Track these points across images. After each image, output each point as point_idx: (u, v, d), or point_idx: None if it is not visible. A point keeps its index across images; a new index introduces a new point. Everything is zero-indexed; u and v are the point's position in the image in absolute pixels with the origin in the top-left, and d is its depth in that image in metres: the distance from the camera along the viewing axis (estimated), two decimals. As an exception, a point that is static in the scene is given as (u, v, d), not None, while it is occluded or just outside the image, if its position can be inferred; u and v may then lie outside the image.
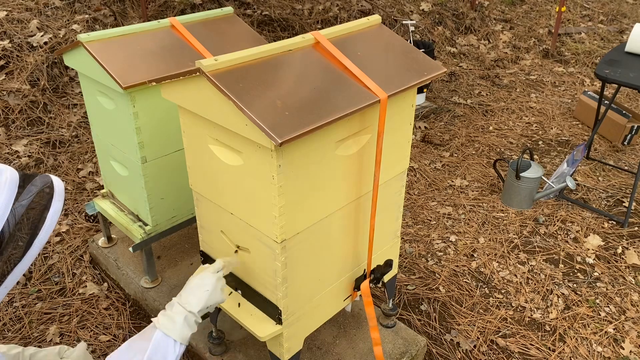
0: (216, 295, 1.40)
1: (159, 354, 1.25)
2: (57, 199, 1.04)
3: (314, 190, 1.40)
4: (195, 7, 4.59)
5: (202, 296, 1.36)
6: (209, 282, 1.39)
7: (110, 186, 2.25)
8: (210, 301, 1.38)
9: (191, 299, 1.35)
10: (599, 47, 5.56)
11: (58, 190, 1.05)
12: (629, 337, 2.23)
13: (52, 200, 1.03)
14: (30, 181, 1.03)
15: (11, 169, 1.02)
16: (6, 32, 3.67)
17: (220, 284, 1.42)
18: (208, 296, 1.37)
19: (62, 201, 1.05)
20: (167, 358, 1.26)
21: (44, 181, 1.04)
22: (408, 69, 1.54)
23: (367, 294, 1.69)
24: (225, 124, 1.30)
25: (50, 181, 1.05)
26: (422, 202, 3.11)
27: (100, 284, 2.40)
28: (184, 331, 1.30)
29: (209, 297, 1.37)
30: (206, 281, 1.40)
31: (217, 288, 1.41)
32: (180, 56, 1.90)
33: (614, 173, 3.44)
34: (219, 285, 1.42)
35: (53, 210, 1.03)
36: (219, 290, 1.41)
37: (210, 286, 1.39)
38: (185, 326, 1.31)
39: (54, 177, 1.07)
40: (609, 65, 2.90)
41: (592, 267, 2.63)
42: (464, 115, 4.17)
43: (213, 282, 1.40)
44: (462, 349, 2.17)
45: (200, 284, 1.39)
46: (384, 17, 5.27)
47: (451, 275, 2.56)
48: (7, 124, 3.30)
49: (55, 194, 1.04)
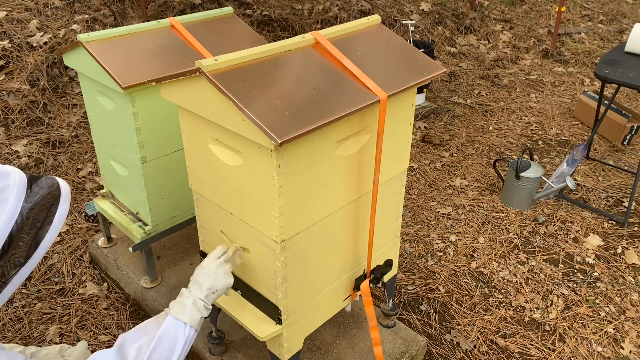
0: (220, 279, 1.41)
1: (170, 335, 1.28)
2: (63, 202, 1.04)
3: (314, 190, 1.40)
4: (195, 7, 4.59)
5: (204, 282, 1.39)
6: (210, 269, 1.42)
7: (110, 186, 2.25)
8: (216, 286, 1.40)
9: (196, 286, 1.39)
10: (599, 47, 5.56)
11: (64, 193, 1.05)
12: (629, 337, 2.23)
13: (59, 203, 1.04)
14: (36, 183, 1.03)
15: (19, 171, 1.03)
16: (6, 32, 3.67)
17: (222, 269, 1.44)
18: (211, 282, 1.39)
19: (68, 204, 1.05)
20: (178, 339, 1.29)
21: (50, 183, 1.05)
22: (408, 69, 1.54)
23: (367, 294, 1.69)
24: (225, 124, 1.30)
25: (56, 184, 1.05)
26: (422, 202, 3.11)
27: (100, 284, 2.40)
28: (193, 314, 1.33)
29: (213, 282, 1.40)
30: (208, 268, 1.43)
31: (219, 273, 1.42)
32: (180, 56, 1.90)
33: (614, 173, 3.44)
34: (221, 270, 1.43)
35: (59, 213, 1.03)
36: (221, 275, 1.42)
37: (212, 272, 1.41)
38: (195, 309, 1.33)
39: (60, 179, 1.07)
40: (609, 65, 2.90)
41: (592, 267, 2.63)
42: (463, 115, 4.17)
43: (214, 268, 1.42)
44: (462, 349, 2.17)
45: (202, 272, 1.42)
46: (384, 17, 5.27)
47: (451, 275, 2.56)
48: (6, 124, 3.30)
49: (61, 196, 1.04)
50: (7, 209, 0.96)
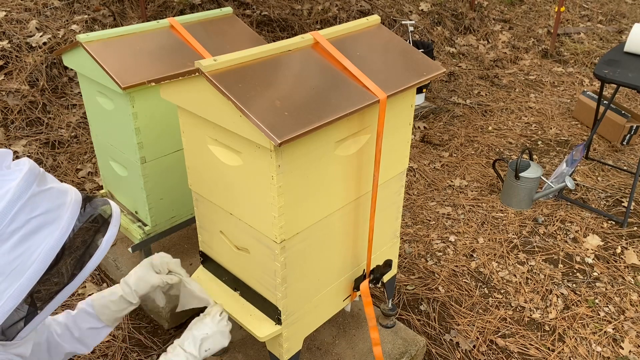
0: (216, 340, 1.39)
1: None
2: (113, 224, 1.07)
3: (314, 191, 1.40)
4: (194, 8, 4.59)
5: (203, 341, 1.37)
6: (207, 328, 1.39)
7: (109, 186, 2.25)
8: (209, 345, 1.37)
9: (191, 341, 1.36)
10: (598, 47, 5.56)
11: (115, 215, 1.09)
12: (628, 337, 2.23)
13: (109, 226, 1.07)
14: (89, 203, 1.06)
15: (76, 190, 1.06)
16: (5, 32, 3.67)
17: (220, 328, 1.40)
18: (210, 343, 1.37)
19: (117, 227, 1.08)
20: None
21: (103, 205, 1.09)
22: (407, 69, 1.54)
23: (367, 294, 1.69)
24: (225, 124, 1.30)
25: (108, 205, 1.10)
26: (421, 202, 3.12)
27: (100, 284, 2.40)
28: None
29: (208, 341, 1.37)
30: (209, 326, 1.40)
31: (218, 334, 1.39)
32: (179, 56, 1.90)
33: (613, 173, 3.44)
34: (219, 329, 1.40)
35: (109, 235, 1.06)
36: (218, 336, 1.39)
37: (210, 331, 1.38)
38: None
39: (112, 202, 1.11)
40: (608, 65, 2.90)
41: (592, 267, 2.63)
42: (463, 116, 4.17)
43: (214, 328, 1.40)
44: (461, 349, 2.17)
45: (202, 329, 1.39)
46: (383, 17, 5.28)
47: (450, 275, 2.56)
48: (6, 125, 3.30)
49: (112, 219, 1.08)
50: (61, 225, 0.98)
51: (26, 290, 0.94)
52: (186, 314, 2.22)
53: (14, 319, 0.99)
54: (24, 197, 0.94)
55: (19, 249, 0.93)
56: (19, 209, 0.93)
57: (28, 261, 0.94)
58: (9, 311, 0.93)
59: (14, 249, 0.92)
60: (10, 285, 0.93)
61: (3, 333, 1.00)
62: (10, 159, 0.99)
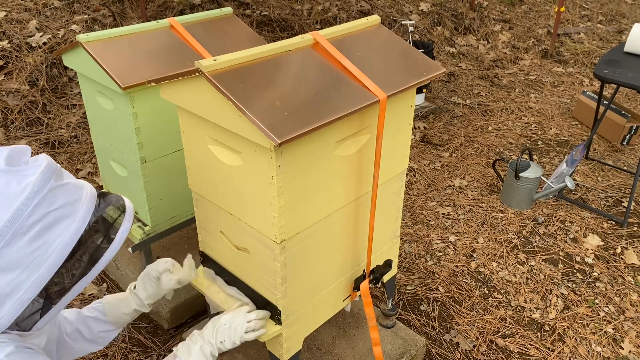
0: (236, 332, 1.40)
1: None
2: (127, 219, 1.10)
3: (314, 191, 1.40)
4: (194, 8, 4.59)
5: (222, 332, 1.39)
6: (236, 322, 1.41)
7: (109, 187, 2.25)
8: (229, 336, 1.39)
9: (212, 331, 1.39)
10: (598, 47, 5.56)
11: (129, 210, 1.12)
12: (628, 337, 2.23)
13: (123, 220, 1.09)
14: (104, 199, 1.09)
15: (90, 185, 1.09)
16: (5, 32, 3.67)
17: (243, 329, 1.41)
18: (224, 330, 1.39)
19: (131, 222, 1.11)
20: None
21: (117, 200, 1.11)
22: (407, 69, 1.54)
23: (367, 294, 1.69)
24: (225, 124, 1.30)
25: (122, 201, 1.12)
26: (421, 202, 3.12)
27: (100, 284, 2.40)
28: (199, 358, 1.34)
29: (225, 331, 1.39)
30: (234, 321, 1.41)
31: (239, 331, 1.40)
32: (179, 56, 1.90)
33: (613, 173, 3.44)
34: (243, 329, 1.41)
35: (123, 230, 1.09)
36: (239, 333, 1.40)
37: (232, 323, 1.41)
38: (201, 355, 1.34)
39: (126, 198, 1.14)
40: (608, 65, 2.91)
41: (592, 267, 2.63)
42: (463, 116, 4.17)
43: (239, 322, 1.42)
44: (461, 349, 2.17)
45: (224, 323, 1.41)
46: (383, 18, 5.28)
47: (450, 275, 2.56)
48: (6, 125, 3.30)
49: (126, 214, 1.11)
50: (77, 219, 1.01)
51: (44, 281, 0.98)
52: (186, 313, 2.22)
53: (30, 311, 1.02)
54: (42, 191, 0.96)
55: (38, 241, 0.95)
56: (37, 202, 0.95)
57: (46, 254, 0.97)
58: (27, 301, 0.97)
59: (33, 241, 0.95)
60: (29, 277, 0.96)
61: (17, 325, 1.02)
62: (29, 155, 1.02)
